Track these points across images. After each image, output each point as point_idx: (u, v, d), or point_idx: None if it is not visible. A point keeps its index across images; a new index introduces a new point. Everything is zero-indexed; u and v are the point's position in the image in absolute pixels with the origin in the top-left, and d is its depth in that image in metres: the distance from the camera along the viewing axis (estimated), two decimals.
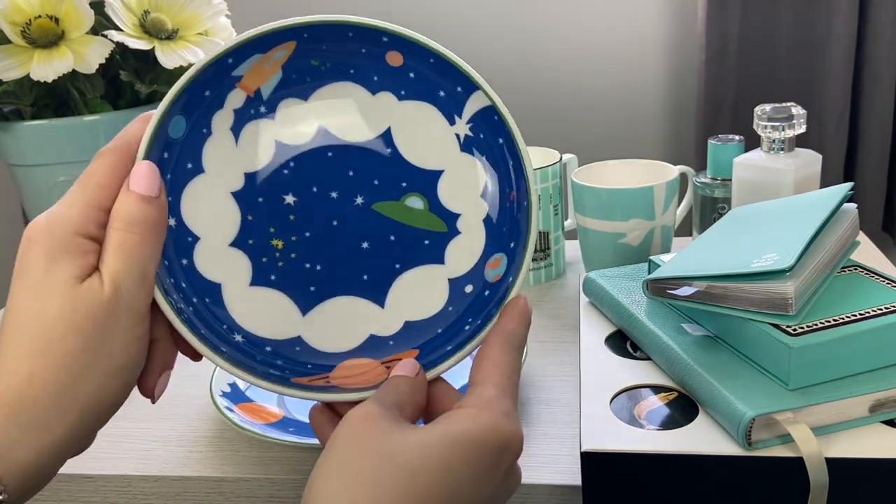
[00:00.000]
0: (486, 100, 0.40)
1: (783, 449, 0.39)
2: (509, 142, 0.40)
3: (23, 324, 0.31)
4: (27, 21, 0.68)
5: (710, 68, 1.13)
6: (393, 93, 0.41)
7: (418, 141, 0.41)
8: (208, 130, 0.39)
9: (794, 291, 0.42)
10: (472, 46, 1.26)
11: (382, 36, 0.40)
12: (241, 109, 0.40)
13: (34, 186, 0.74)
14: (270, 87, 0.40)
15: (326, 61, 0.40)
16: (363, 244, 0.41)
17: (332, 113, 0.41)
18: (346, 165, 0.41)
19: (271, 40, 0.39)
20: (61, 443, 0.30)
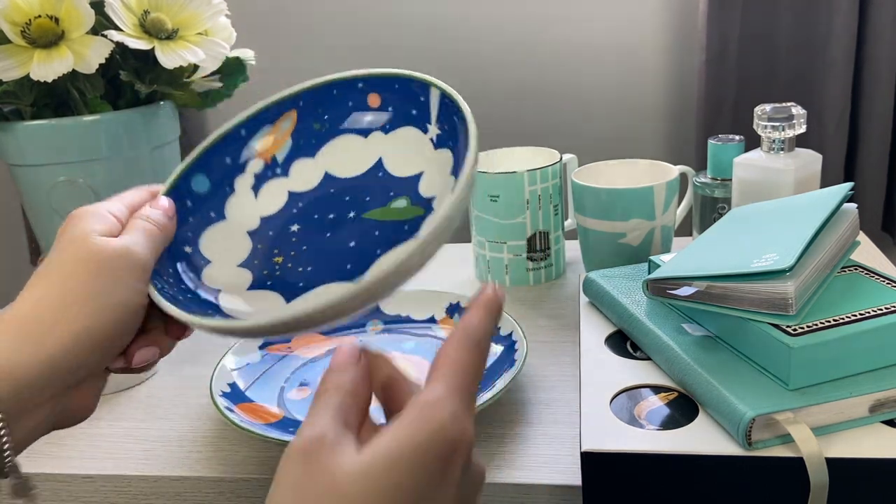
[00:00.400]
0: (437, 91, 0.46)
1: (783, 449, 0.39)
2: (460, 114, 0.44)
3: (48, 265, 0.37)
4: (27, 21, 0.68)
5: (710, 68, 1.13)
6: (380, 130, 0.49)
7: (403, 158, 0.48)
8: (231, 189, 0.47)
9: (794, 291, 0.42)
10: (471, 46, 1.26)
11: (358, 83, 0.48)
12: (260, 174, 0.48)
13: (34, 186, 0.74)
14: (284, 154, 0.49)
15: (325, 122, 0.49)
16: (350, 243, 0.46)
17: (335, 160, 0.49)
18: (344, 194, 0.48)
19: (275, 111, 0.49)
20: (52, 360, 0.34)
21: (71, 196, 0.73)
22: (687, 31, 1.21)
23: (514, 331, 0.60)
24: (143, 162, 0.76)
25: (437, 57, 1.27)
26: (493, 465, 0.49)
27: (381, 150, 0.49)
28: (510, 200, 0.73)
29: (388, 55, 1.29)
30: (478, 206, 0.76)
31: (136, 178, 0.76)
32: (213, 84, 0.80)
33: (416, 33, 1.27)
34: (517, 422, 0.54)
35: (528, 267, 0.76)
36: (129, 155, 0.74)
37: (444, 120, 0.47)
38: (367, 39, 1.29)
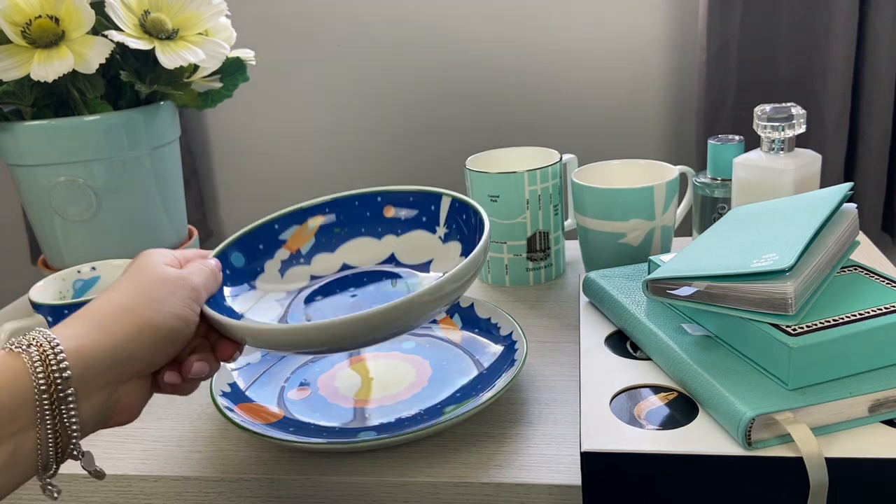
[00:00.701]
0: (448, 198, 0.57)
1: (783, 449, 0.39)
2: (471, 210, 0.55)
3: (122, 278, 0.45)
4: (27, 21, 0.68)
5: (710, 68, 1.13)
6: (393, 234, 0.60)
7: (414, 252, 0.59)
8: (261, 269, 0.58)
9: (793, 291, 0.42)
10: (472, 47, 1.26)
11: (377, 196, 0.59)
12: (287, 260, 0.59)
13: (34, 186, 0.74)
14: (308, 248, 0.60)
15: (345, 227, 0.60)
16: (356, 295, 0.58)
17: (352, 255, 0.60)
18: (362, 276, 0.59)
19: (304, 214, 0.60)
20: (116, 345, 0.40)
21: (71, 196, 0.73)
22: (687, 31, 1.21)
23: (514, 331, 0.60)
24: (143, 162, 0.76)
25: (437, 57, 1.27)
26: (493, 465, 0.49)
27: (393, 248, 0.60)
28: (510, 200, 0.73)
29: (387, 55, 1.29)
30: None
31: (136, 178, 0.76)
32: (213, 84, 0.80)
33: (415, 33, 1.27)
34: (517, 422, 0.54)
35: (528, 267, 0.76)
36: (129, 155, 0.74)
37: (451, 220, 0.58)
38: (367, 40, 1.29)
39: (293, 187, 1.39)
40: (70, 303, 0.58)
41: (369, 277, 0.59)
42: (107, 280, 0.66)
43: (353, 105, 1.33)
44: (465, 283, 0.48)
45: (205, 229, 1.41)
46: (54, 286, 0.63)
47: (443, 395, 0.56)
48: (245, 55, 0.81)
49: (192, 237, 0.86)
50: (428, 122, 1.31)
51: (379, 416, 0.54)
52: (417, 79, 1.29)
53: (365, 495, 0.50)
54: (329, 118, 1.34)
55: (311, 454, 0.52)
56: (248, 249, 0.58)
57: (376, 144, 1.34)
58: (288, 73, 1.33)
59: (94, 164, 0.73)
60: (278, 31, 1.30)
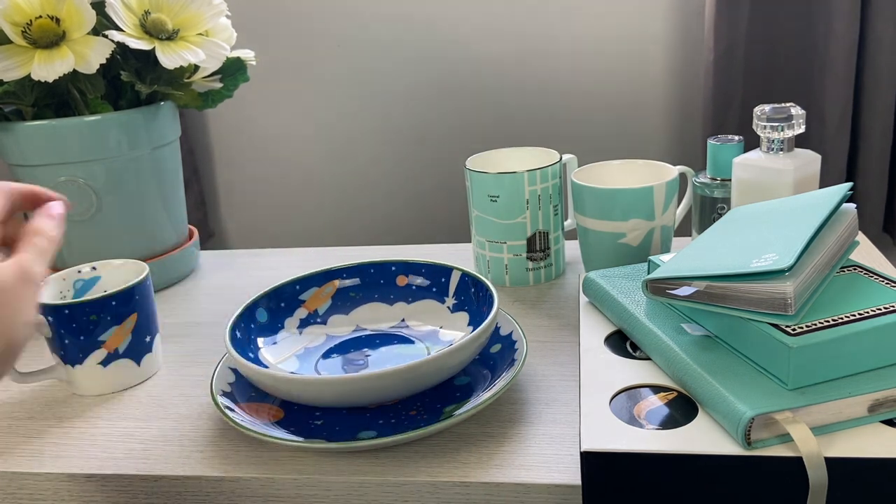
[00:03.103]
0: (459, 272, 0.64)
1: (782, 449, 0.39)
2: (481, 286, 0.62)
3: None
4: (28, 21, 0.68)
5: (717, 68, 1.13)
6: (404, 301, 0.67)
7: (423, 318, 0.65)
8: (282, 325, 0.64)
9: (793, 291, 0.42)
10: (472, 47, 1.26)
11: (392, 266, 0.67)
12: (305, 319, 0.66)
13: None
14: (324, 309, 0.67)
15: (360, 292, 0.67)
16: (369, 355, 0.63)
17: (365, 317, 0.67)
18: (375, 337, 0.65)
19: (323, 278, 0.67)
20: None
21: (72, 196, 0.73)
22: (694, 30, 1.21)
23: (514, 331, 0.60)
24: (143, 162, 0.76)
25: (438, 57, 1.27)
26: (493, 465, 0.49)
27: (403, 314, 0.66)
28: (510, 200, 0.73)
29: (388, 55, 1.29)
30: (478, 206, 0.76)
31: (136, 178, 0.76)
32: (213, 84, 0.80)
33: (415, 33, 1.27)
34: (517, 422, 0.54)
35: (527, 267, 0.76)
36: (129, 155, 0.74)
37: (460, 292, 0.64)
38: (367, 40, 1.29)
39: (294, 187, 1.39)
40: (70, 303, 0.58)
41: (381, 340, 0.64)
42: (107, 280, 0.66)
43: (354, 105, 1.33)
44: (471, 353, 0.53)
45: (205, 229, 1.41)
46: (55, 286, 0.63)
47: (443, 395, 0.56)
48: (245, 55, 0.81)
49: (192, 237, 0.87)
50: (428, 121, 1.31)
51: (379, 416, 0.54)
52: (418, 79, 1.29)
53: (365, 495, 0.50)
54: (329, 118, 1.34)
55: (311, 454, 0.52)
56: (271, 307, 0.64)
57: (376, 144, 1.34)
58: (288, 73, 1.33)
59: (95, 164, 0.73)
60: (278, 31, 1.30)
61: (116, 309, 0.60)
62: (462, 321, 0.63)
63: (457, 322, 0.64)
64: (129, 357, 0.62)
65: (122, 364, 0.62)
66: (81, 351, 0.60)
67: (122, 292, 0.60)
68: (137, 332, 0.62)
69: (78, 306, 0.58)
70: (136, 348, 0.62)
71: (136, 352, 0.62)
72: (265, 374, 0.51)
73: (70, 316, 0.58)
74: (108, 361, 0.61)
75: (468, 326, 0.62)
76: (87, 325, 0.59)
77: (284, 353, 0.62)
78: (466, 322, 0.63)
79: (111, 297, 0.59)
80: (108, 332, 0.60)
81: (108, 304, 0.59)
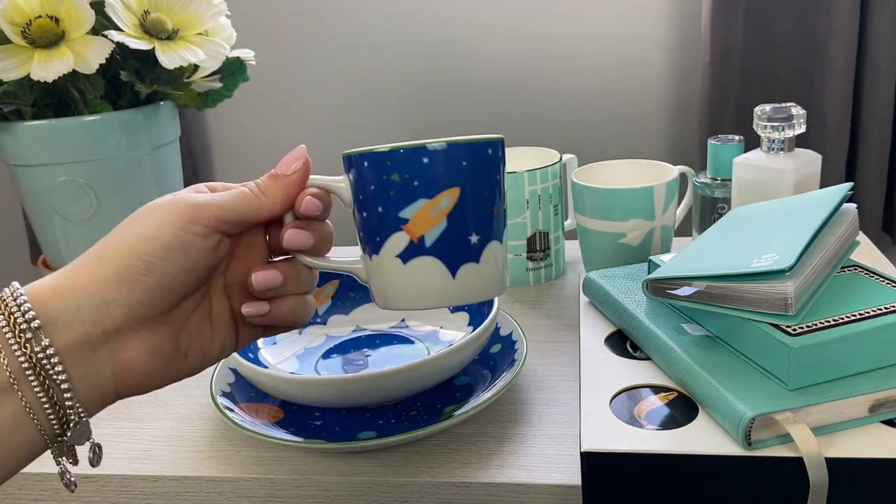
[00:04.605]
0: None
1: (783, 449, 0.39)
2: None
3: None
4: (27, 21, 0.68)
5: (714, 69, 1.13)
6: None
7: (423, 318, 0.65)
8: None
9: (793, 291, 0.42)
10: (472, 47, 1.25)
11: None
12: None
13: (34, 186, 0.74)
14: (324, 309, 0.67)
15: (360, 292, 0.67)
16: (369, 356, 0.63)
17: (365, 317, 0.66)
18: (374, 338, 0.65)
19: (322, 278, 0.63)
20: (75, 285, 0.34)
21: (71, 196, 0.73)
22: (690, 31, 1.21)
23: (514, 331, 0.60)
24: (143, 162, 0.76)
25: (438, 57, 1.27)
26: (493, 465, 0.49)
27: (403, 314, 0.66)
28: (510, 200, 0.73)
29: (387, 55, 1.29)
30: None
31: (136, 178, 0.76)
32: (213, 84, 0.80)
33: (415, 33, 1.27)
34: (517, 422, 0.54)
35: (528, 267, 0.76)
36: (129, 155, 0.74)
37: None
38: (367, 39, 1.29)
39: None
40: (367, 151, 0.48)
41: (381, 340, 0.64)
42: None
43: (354, 105, 1.33)
44: (471, 353, 0.53)
45: None
46: None
47: (443, 396, 0.56)
48: (245, 55, 0.81)
49: None
50: (428, 122, 1.31)
51: (379, 416, 0.54)
52: (418, 79, 1.29)
53: (365, 495, 0.50)
54: (329, 118, 1.34)
55: (311, 454, 0.52)
56: None
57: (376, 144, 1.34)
58: (288, 73, 1.33)
59: (94, 164, 0.73)
60: (278, 31, 1.30)
61: (430, 171, 0.39)
62: (462, 321, 0.63)
63: (457, 322, 0.64)
64: (437, 255, 0.40)
65: (426, 262, 0.40)
66: (379, 232, 0.41)
67: (439, 146, 0.39)
68: (455, 219, 0.40)
69: (377, 155, 0.40)
70: (451, 245, 0.40)
71: (450, 251, 0.40)
72: (265, 375, 0.51)
73: (369, 169, 0.40)
74: (408, 254, 0.40)
75: (468, 326, 0.62)
76: (387, 186, 0.39)
77: (284, 353, 0.62)
78: (466, 322, 0.63)
79: (421, 148, 0.39)
80: (412, 205, 0.39)
81: (416, 159, 0.39)
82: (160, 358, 0.36)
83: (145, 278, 0.35)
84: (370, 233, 0.41)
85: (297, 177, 0.40)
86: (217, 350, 0.39)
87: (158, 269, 0.35)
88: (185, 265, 0.36)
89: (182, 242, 0.36)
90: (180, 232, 0.36)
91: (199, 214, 0.37)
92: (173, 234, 0.36)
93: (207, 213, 0.37)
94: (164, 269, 0.35)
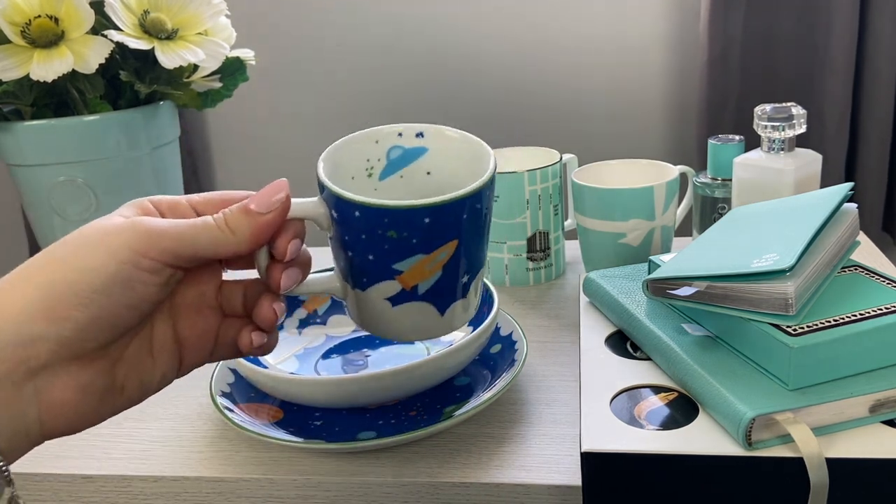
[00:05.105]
0: None
1: (783, 449, 0.39)
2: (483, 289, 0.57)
3: None
4: (27, 21, 0.68)
5: (712, 68, 1.13)
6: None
7: None
8: (281, 326, 0.60)
9: (794, 291, 0.42)
10: (472, 47, 1.25)
11: None
12: (304, 319, 0.66)
13: (34, 186, 0.74)
14: (324, 309, 0.67)
15: None
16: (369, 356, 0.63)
17: None
18: (374, 338, 0.63)
19: None
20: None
21: (71, 196, 0.73)
22: (689, 31, 1.21)
23: (514, 331, 0.60)
24: (143, 162, 0.76)
25: (438, 57, 1.27)
26: (493, 465, 0.49)
27: None
28: (510, 200, 0.73)
29: (387, 55, 1.28)
30: None
31: (136, 178, 0.76)
32: (213, 84, 0.80)
33: (415, 33, 1.27)
34: (517, 422, 0.54)
35: (528, 267, 0.76)
36: (129, 155, 0.74)
37: None
38: (367, 39, 1.29)
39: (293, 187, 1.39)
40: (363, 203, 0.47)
41: (381, 340, 0.63)
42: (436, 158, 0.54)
43: (354, 105, 1.33)
44: (471, 353, 0.53)
45: None
46: (358, 148, 0.61)
47: (443, 396, 0.56)
48: (245, 55, 0.81)
49: None
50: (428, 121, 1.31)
51: (379, 417, 0.54)
52: (417, 79, 1.29)
53: (365, 495, 0.50)
54: (329, 118, 1.34)
55: (311, 454, 0.52)
56: None
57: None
58: (288, 73, 1.33)
59: (94, 164, 0.73)
60: (278, 31, 1.30)
61: (431, 229, 0.37)
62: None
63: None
64: (428, 301, 0.39)
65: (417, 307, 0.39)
66: (366, 275, 0.39)
67: (442, 205, 0.36)
68: (450, 269, 0.39)
69: (371, 210, 0.36)
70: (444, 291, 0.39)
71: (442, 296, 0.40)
72: (265, 375, 0.51)
73: (360, 220, 0.37)
74: (399, 300, 0.39)
75: (468, 327, 0.62)
76: (381, 240, 0.37)
77: (284, 353, 0.62)
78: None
79: (424, 209, 0.36)
80: (408, 260, 0.37)
81: (417, 219, 0.36)
82: (92, 395, 0.32)
83: (79, 314, 0.31)
84: (356, 272, 0.38)
85: (274, 217, 0.35)
86: (157, 380, 0.36)
87: (96, 305, 0.31)
88: (127, 302, 0.32)
89: (127, 277, 0.32)
90: (127, 266, 0.32)
91: (153, 246, 0.32)
92: (118, 267, 0.31)
93: (162, 246, 0.32)
94: (102, 304, 0.31)
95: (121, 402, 0.35)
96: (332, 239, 0.39)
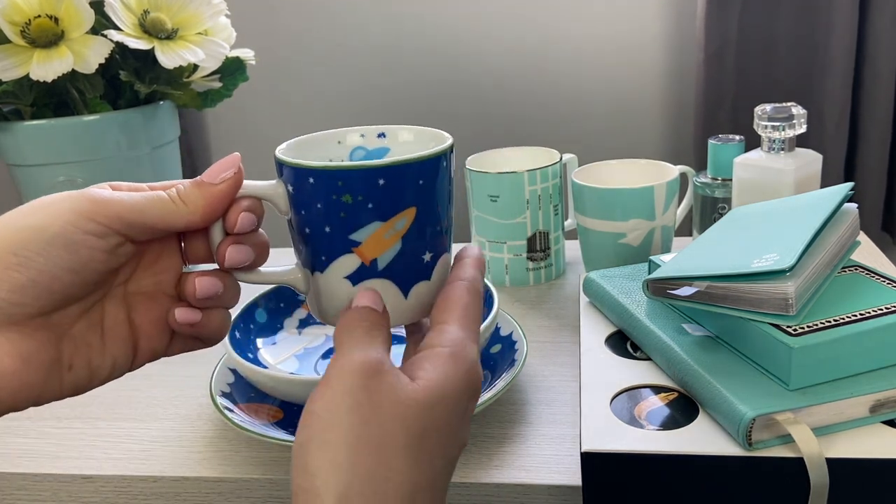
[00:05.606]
0: None
1: (784, 449, 0.39)
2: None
3: None
4: (27, 21, 0.68)
5: (709, 68, 1.13)
6: None
7: None
8: (281, 326, 0.64)
9: (794, 291, 0.42)
10: (471, 47, 1.25)
11: None
12: (304, 319, 0.66)
13: (34, 186, 0.74)
14: None
15: None
16: None
17: None
18: None
19: None
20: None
21: None
22: (686, 30, 1.21)
23: (514, 331, 0.60)
24: (143, 162, 0.76)
25: (437, 57, 1.27)
26: (493, 465, 0.49)
27: None
28: (510, 200, 0.73)
29: (387, 55, 1.28)
30: (478, 206, 0.76)
31: (136, 177, 0.76)
32: (212, 84, 0.80)
33: (415, 33, 1.27)
34: (517, 422, 0.54)
35: (528, 267, 0.76)
36: (129, 155, 0.74)
37: None
38: (367, 40, 1.29)
39: None
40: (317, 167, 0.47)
41: None
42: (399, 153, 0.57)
43: (353, 105, 1.33)
44: None
45: None
46: (320, 147, 0.61)
47: None
48: (245, 55, 0.81)
49: None
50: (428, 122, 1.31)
51: None
52: (417, 79, 1.29)
53: None
54: (329, 118, 1.34)
55: None
56: (269, 307, 0.64)
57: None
58: (288, 73, 1.33)
59: (94, 164, 0.73)
60: (278, 31, 1.30)
61: (386, 192, 0.36)
62: None
63: None
64: (389, 278, 0.38)
65: (378, 285, 0.38)
66: (324, 252, 0.38)
67: (396, 165, 0.36)
68: (410, 241, 0.37)
69: (325, 174, 0.36)
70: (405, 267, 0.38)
71: (403, 273, 0.38)
72: (265, 375, 0.51)
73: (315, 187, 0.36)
74: (359, 277, 0.38)
75: None
76: (336, 207, 0.36)
77: (284, 353, 0.62)
78: None
79: (378, 169, 0.35)
80: (365, 228, 0.36)
81: (372, 179, 0.35)
82: (36, 366, 0.32)
83: (17, 275, 0.31)
84: (314, 250, 0.38)
85: (226, 187, 0.35)
86: (109, 366, 0.35)
87: (35, 266, 0.31)
88: (70, 265, 0.32)
89: (70, 239, 0.32)
90: (70, 227, 0.32)
91: (99, 211, 0.32)
92: (62, 228, 0.32)
93: (109, 211, 0.33)
94: (41, 266, 0.31)
95: (69, 382, 0.34)
96: (290, 223, 0.39)
